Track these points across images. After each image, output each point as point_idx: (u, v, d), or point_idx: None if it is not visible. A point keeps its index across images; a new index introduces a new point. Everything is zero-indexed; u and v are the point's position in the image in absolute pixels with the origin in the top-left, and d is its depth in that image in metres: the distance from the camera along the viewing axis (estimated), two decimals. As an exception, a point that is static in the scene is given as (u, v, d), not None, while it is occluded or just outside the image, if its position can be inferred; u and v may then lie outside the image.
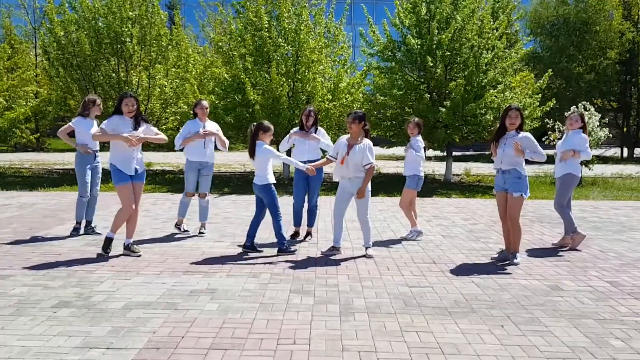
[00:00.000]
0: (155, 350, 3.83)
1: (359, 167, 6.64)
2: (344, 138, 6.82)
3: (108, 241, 6.55)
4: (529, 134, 6.47)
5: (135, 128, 6.47)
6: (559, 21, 32.38)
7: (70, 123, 7.94)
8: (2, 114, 17.73)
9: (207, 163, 7.87)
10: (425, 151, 8.05)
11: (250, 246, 6.85)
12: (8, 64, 21.16)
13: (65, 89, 17.61)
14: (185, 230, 8.07)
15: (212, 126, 7.90)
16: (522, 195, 6.35)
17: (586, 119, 8.42)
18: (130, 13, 16.47)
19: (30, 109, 18.58)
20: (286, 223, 7.11)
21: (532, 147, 6.37)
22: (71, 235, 7.70)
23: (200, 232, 7.98)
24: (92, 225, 7.95)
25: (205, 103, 7.92)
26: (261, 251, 6.85)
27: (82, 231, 7.86)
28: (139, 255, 6.55)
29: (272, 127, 6.86)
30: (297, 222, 7.83)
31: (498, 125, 6.67)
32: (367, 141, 6.73)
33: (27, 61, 26.09)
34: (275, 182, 6.80)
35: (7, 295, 4.98)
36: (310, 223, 7.85)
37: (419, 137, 8.01)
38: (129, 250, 6.62)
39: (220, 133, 7.94)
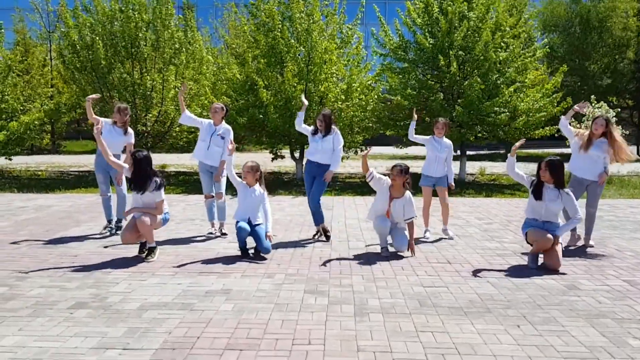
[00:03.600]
0: (171, 350, 3.85)
1: (401, 218, 6.77)
2: (387, 182, 6.76)
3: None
4: (570, 192, 6.33)
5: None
6: (573, 18, 32.04)
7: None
8: (18, 117, 17.83)
9: (214, 167, 7.78)
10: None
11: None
12: (21, 67, 21.30)
13: (80, 92, 17.73)
14: (210, 233, 7.99)
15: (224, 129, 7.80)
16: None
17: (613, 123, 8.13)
18: (145, 16, 16.56)
19: (46, 113, 18.62)
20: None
21: (572, 209, 6.31)
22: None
23: (222, 233, 7.93)
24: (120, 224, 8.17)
25: (215, 106, 7.88)
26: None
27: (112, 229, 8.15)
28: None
29: None
30: (316, 221, 7.78)
31: (535, 180, 6.37)
32: (408, 194, 6.77)
33: (41, 63, 26.21)
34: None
35: (24, 297, 5.03)
36: (317, 221, 7.74)
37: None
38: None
39: (230, 136, 7.74)
